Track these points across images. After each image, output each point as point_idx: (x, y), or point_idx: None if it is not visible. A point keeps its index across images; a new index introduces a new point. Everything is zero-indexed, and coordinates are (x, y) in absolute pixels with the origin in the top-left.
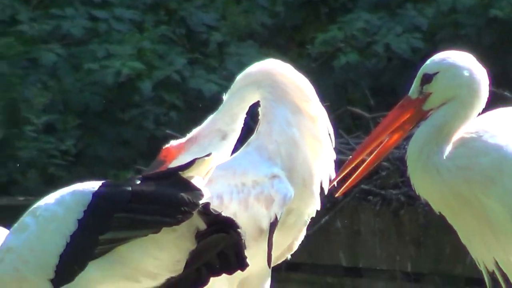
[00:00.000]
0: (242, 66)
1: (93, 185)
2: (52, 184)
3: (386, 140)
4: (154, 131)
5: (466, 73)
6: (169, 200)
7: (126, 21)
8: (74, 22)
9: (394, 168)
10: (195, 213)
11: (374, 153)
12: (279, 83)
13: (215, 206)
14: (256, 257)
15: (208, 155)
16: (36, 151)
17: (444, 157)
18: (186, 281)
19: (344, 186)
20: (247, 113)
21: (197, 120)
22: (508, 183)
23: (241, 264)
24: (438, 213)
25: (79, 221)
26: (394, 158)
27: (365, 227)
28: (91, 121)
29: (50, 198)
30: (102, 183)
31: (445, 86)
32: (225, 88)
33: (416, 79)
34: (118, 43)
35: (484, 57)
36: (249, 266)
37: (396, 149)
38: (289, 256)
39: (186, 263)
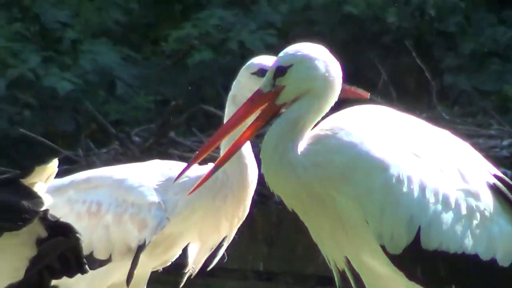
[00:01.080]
0: (96, 63)
1: None
2: None
3: (237, 137)
4: (7, 130)
5: (321, 65)
6: (9, 206)
7: None
8: None
9: None
10: (35, 220)
11: (226, 150)
12: None
13: (92, 211)
14: (124, 268)
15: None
16: None
17: (299, 153)
18: (28, 285)
19: (195, 185)
20: None
21: (50, 118)
22: (360, 181)
23: (80, 267)
24: (291, 210)
25: None
26: None
27: None
28: None
29: None
30: None
31: (299, 79)
32: (79, 86)
33: (268, 72)
34: None
35: (337, 54)
36: (119, 275)
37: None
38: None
39: (27, 268)
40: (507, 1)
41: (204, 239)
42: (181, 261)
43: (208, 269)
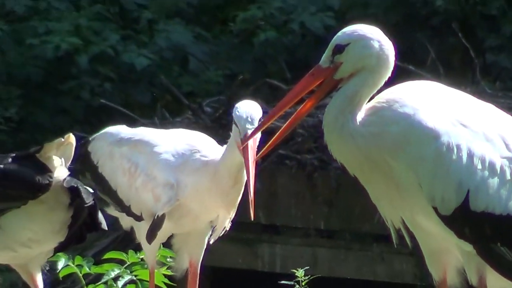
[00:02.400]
0: (170, 41)
1: None
2: None
3: (299, 108)
4: (89, 101)
5: (375, 44)
6: (23, 178)
7: (65, 0)
8: (16, 0)
9: (309, 134)
10: (58, 187)
11: (289, 120)
12: None
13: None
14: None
15: (62, 137)
16: None
17: (358, 124)
18: (72, 240)
19: (262, 151)
20: None
21: (129, 90)
22: (414, 149)
23: (95, 226)
24: (352, 175)
25: None
26: (308, 125)
27: (282, 188)
28: (33, 92)
29: None
30: None
31: (355, 56)
32: (155, 62)
33: (327, 49)
34: (57, 20)
35: (390, 35)
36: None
37: (310, 117)
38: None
39: (70, 224)
40: None
41: (208, 212)
42: None
43: (211, 242)
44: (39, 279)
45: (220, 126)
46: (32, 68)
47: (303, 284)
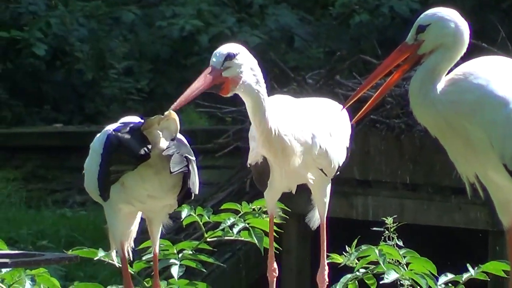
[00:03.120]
0: (278, 23)
1: (112, 128)
2: (130, 115)
3: (388, 79)
4: None
5: (452, 25)
6: (129, 148)
7: None
8: None
9: (396, 102)
10: (162, 156)
11: (380, 89)
12: None
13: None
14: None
15: (164, 113)
16: (118, 89)
17: (438, 93)
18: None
19: (357, 116)
20: None
21: None
22: (487, 115)
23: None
24: (434, 136)
25: (101, 154)
26: (396, 94)
27: (374, 148)
28: (161, 66)
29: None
30: (114, 128)
31: (435, 35)
32: (265, 40)
33: (412, 29)
34: (182, 5)
35: (466, 16)
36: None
37: (397, 87)
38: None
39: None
40: None
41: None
42: None
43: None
44: (157, 229)
45: (321, 95)
46: (161, 46)
47: (391, 230)
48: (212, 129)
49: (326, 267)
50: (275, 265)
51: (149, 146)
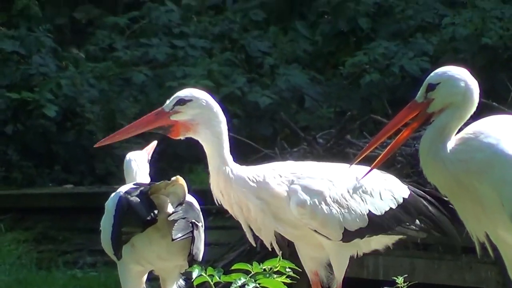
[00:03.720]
0: (289, 83)
1: (124, 190)
2: None
3: (398, 136)
4: None
5: (462, 84)
6: (137, 212)
7: (199, 48)
8: (158, 49)
9: (407, 161)
10: (166, 220)
11: (389, 146)
12: None
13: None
14: None
15: (170, 179)
16: (128, 150)
17: (448, 152)
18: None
19: (366, 173)
20: None
21: (253, 125)
22: (498, 174)
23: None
24: (444, 195)
25: (113, 216)
26: (406, 154)
27: None
28: None
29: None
30: (125, 191)
31: (445, 94)
32: (276, 101)
33: (422, 87)
34: (193, 65)
35: (477, 75)
36: None
37: (408, 147)
38: None
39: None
40: None
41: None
42: None
43: None
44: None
45: (331, 155)
46: None
47: None
48: None
49: None
50: None
51: (156, 211)
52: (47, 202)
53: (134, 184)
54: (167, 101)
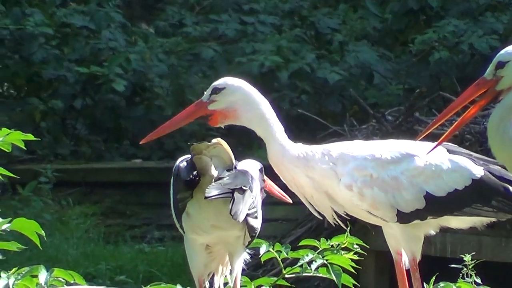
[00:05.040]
0: (358, 59)
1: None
2: None
3: (465, 113)
4: (289, 110)
5: None
6: (180, 174)
7: (268, 25)
8: (228, 25)
9: (475, 139)
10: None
11: (456, 122)
12: None
13: None
14: None
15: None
16: (197, 125)
17: None
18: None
19: (431, 149)
20: None
21: (322, 101)
22: None
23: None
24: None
25: (172, 184)
26: (475, 132)
27: None
28: None
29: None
30: (180, 160)
31: None
32: (345, 77)
33: (491, 64)
34: (262, 42)
35: None
36: None
37: (476, 124)
38: None
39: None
40: None
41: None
42: None
43: None
44: (236, 264)
45: (400, 132)
46: None
47: (470, 267)
48: None
49: None
50: None
51: (195, 172)
52: (116, 177)
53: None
54: (205, 92)
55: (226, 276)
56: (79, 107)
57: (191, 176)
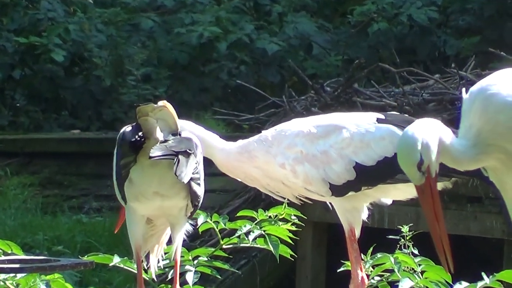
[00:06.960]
0: (297, 30)
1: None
2: None
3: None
4: (227, 81)
5: (418, 143)
6: (125, 137)
7: None
8: None
9: (414, 111)
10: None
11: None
12: None
13: None
14: None
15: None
16: (135, 96)
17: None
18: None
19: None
20: None
21: (261, 72)
22: None
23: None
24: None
25: (116, 151)
26: (413, 103)
27: None
28: (179, 73)
29: None
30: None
31: (428, 156)
32: (284, 48)
33: (410, 175)
34: (201, 12)
35: (485, 25)
36: None
37: (415, 96)
38: None
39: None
40: None
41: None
42: None
43: None
44: (177, 235)
45: (338, 103)
46: (179, 53)
47: (407, 238)
48: (229, 136)
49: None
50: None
51: (141, 134)
52: (54, 147)
53: None
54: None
55: (164, 247)
56: (18, 77)
57: (137, 137)
